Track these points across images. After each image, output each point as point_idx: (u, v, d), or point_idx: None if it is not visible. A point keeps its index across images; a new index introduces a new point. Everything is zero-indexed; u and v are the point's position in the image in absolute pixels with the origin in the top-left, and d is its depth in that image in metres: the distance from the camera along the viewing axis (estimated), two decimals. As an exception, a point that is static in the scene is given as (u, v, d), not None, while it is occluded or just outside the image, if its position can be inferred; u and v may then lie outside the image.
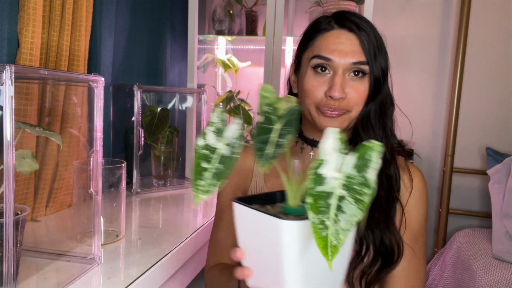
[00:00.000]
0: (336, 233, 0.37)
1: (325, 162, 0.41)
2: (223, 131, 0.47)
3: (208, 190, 0.43)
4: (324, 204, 0.38)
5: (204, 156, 0.45)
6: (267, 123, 0.47)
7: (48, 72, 0.85)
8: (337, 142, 0.42)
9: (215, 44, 1.85)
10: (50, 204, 1.03)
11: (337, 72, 0.72)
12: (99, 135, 0.76)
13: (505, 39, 1.76)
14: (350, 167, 0.40)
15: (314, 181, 0.40)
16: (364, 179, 0.39)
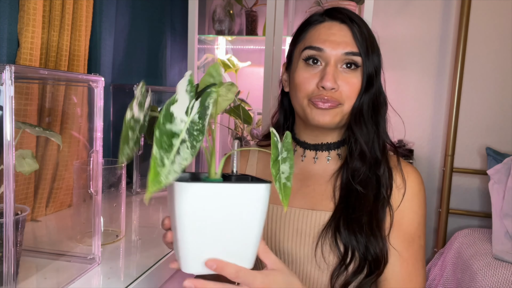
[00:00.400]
0: (168, 172, 0.38)
1: (177, 101, 0.41)
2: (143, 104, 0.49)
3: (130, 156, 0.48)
4: (167, 142, 0.39)
5: (132, 127, 0.47)
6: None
7: (48, 72, 0.85)
8: (188, 83, 0.42)
9: (215, 44, 1.85)
10: (50, 204, 1.03)
11: (329, 63, 0.71)
12: (99, 135, 0.76)
13: (505, 39, 1.76)
14: (195, 113, 0.41)
15: (165, 118, 0.40)
16: (202, 126, 0.41)
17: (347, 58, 0.71)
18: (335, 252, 0.69)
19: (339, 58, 0.71)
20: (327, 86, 0.69)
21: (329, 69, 0.70)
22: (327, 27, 0.73)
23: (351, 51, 0.71)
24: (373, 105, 0.74)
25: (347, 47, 0.71)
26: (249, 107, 1.65)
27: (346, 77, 0.72)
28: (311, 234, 0.72)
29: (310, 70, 0.72)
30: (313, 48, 0.72)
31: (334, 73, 0.70)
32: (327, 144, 0.78)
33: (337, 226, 0.69)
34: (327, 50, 0.71)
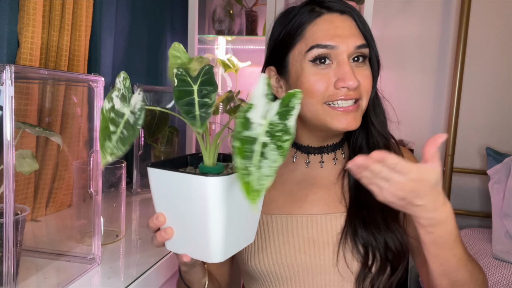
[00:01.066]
0: (259, 179, 0.38)
1: (253, 107, 0.41)
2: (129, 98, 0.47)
3: (114, 153, 0.44)
4: (249, 149, 0.39)
5: (112, 119, 0.45)
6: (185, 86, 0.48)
7: (48, 72, 0.85)
8: (266, 87, 0.42)
9: (215, 44, 1.85)
10: (50, 204, 1.03)
11: (342, 60, 0.64)
12: (99, 135, 0.76)
13: (505, 39, 1.76)
14: (273, 114, 0.41)
15: (242, 125, 0.40)
16: (285, 126, 0.40)
17: (359, 51, 0.66)
18: (358, 257, 0.66)
19: (351, 53, 0.65)
20: (351, 85, 0.63)
21: (346, 67, 0.64)
22: (329, 21, 0.66)
23: (362, 43, 0.66)
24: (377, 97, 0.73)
25: (357, 40, 0.65)
26: (249, 107, 1.65)
27: (361, 71, 0.66)
28: (327, 242, 0.68)
29: (320, 71, 0.65)
30: (322, 47, 0.64)
31: (352, 69, 0.65)
32: (333, 145, 0.74)
33: (354, 229, 0.66)
34: (339, 47, 0.64)
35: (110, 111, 0.46)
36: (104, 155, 0.44)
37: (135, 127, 0.46)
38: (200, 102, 0.46)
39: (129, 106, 0.47)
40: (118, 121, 0.46)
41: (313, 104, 0.66)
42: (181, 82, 0.48)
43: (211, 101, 0.46)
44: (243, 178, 0.38)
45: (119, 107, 0.46)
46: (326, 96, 0.65)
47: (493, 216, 1.50)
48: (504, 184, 1.49)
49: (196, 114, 0.45)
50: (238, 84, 1.80)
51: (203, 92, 0.47)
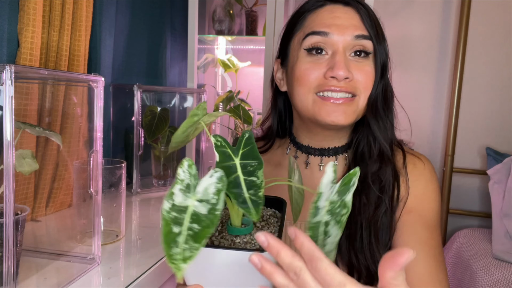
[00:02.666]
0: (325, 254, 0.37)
1: (322, 195, 0.41)
2: (194, 186, 0.39)
3: (187, 257, 0.34)
4: (318, 233, 0.39)
5: (174, 219, 0.36)
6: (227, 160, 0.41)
7: (48, 72, 0.85)
8: (333, 175, 0.42)
9: (215, 44, 1.85)
10: (50, 204, 1.03)
11: (337, 50, 0.61)
12: (99, 135, 0.76)
13: (505, 39, 1.76)
14: (333, 193, 0.40)
15: (313, 214, 0.40)
16: (342, 202, 0.40)
17: (357, 43, 0.62)
18: None
19: (348, 44, 0.61)
20: (340, 75, 0.59)
21: (338, 56, 0.60)
22: (329, 10, 0.63)
23: (362, 34, 0.61)
24: (384, 96, 0.66)
25: (356, 30, 0.61)
26: (249, 107, 1.65)
27: (359, 65, 0.62)
28: None
29: (314, 60, 0.62)
30: (317, 33, 0.61)
31: (345, 60, 0.60)
32: (334, 149, 0.69)
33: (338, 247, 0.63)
34: (334, 35, 0.61)
35: (170, 211, 0.37)
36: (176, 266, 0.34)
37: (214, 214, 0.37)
38: (246, 182, 0.40)
39: (195, 194, 0.38)
40: (181, 217, 0.36)
41: (303, 93, 0.63)
42: (222, 156, 0.42)
43: (259, 180, 0.40)
44: None
45: (181, 201, 0.37)
46: (316, 86, 0.62)
47: (493, 216, 1.50)
48: (504, 184, 1.49)
49: (246, 197, 0.39)
50: (238, 84, 1.80)
51: (248, 169, 0.41)
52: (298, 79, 0.63)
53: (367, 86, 0.63)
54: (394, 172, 0.66)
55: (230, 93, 1.63)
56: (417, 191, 0.66)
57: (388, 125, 0.66)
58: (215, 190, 0.38)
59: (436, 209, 0.67)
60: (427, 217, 0.65)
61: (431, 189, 0.68)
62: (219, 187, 0.38)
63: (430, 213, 0.65)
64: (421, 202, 0.66)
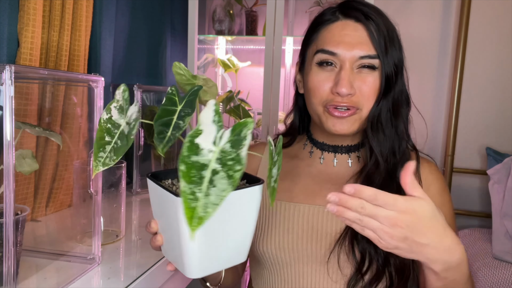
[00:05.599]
0: (205, 206, 0.37)
1: (202, 132, 0.40)
2: (126, 109, 0.48)
3: (106, 163, 0.45)
4: (197, 174, 0.37)
5: (108, 130, 0.46)
6: (170, 105, 0.47)
7: (48, 72, 0.84)
8: (214, 113, 0.41)
9: (215, 44, 1.85)
10: (50, 204, 1.03)
11: (343, 66, 0.65)
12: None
13: (505, 39, 1.76)
14: (225, 142, 0.40)
15: (189, 150, 0.38)
16: (237, 156, 0.39)
17: (363, 61, 0.66)
18: (352, 262, 0.65)
19: (354, 60, 0.66)
20: (343, 92, 0.64)
21: (343, 73, 0.65)
22: (340, 27, 0.67)
23: (367, 54, 0.66)
24: (394, 107, 0.68)
25: (363, 48, 0.65)
26: (249, 107, 1.65)
27: (363, 77, 0.66)
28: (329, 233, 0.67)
29: (324, 73, 0.67)
30: (326, 52, 0.67)
31: (349, 77, 0.65)
32: (347, 147, 0.73)
33: (355, 233, 0.64)
34: (341, 54, 0.66)
35: (107, 122, 0.46)
36: (96, 165, 0.45)
37: (129, 137, 0.46)
38: (175, 124, 0.45)
39: (126, 117, 0.47)
40: (114, 132, 0.46)
41: (315, 104, 0.69)
42: (168, 101, 0.47)
43: (183, 123, 0.44)
44: (189, 203, 0.36)
45: (117, 118, 0.47)
46: (325, 100, 0.68)
47: (493, 216, 1.50)
48: (504, 184, 1.49)
49: (167, 136, 0.43)
50: (238, 84, 1.80)
51: (180, 114, 0.46)
52: (310, 90, 0.69)
53: (370, 98, 0.67)
54: None
55: (230, 93, 1.63)
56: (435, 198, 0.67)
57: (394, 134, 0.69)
58: (135, 117, 0.47)
59: (452, 214, 0.70)
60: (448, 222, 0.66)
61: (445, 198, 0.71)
62: (138, 116, 0.47)
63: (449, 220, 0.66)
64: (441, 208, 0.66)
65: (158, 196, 0.50)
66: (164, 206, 0.49)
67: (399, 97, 0.70)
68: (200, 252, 0.47)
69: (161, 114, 0.45)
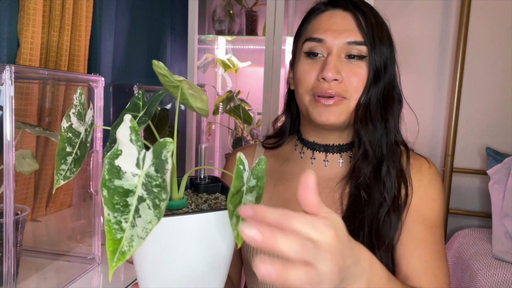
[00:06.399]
0: (130, 239, 0.31)
1: (122, 153, 0.34)
2: (84, 115, 0.43)
3: (67, 176, 0.40)
4: (120, 201, 0.32)
5: (69, 139, 0.42)
6: (132, 110, 0.44)
7: (48, 72, 0.84)
8: (131, 131, 0.34)
9: (215, 44, 1.85)
10: (50, 204, 1.03)
11: (331, 53, 0.65)
12: (99, 135, 0.76)
13: (505, 39, 1.76)
14: (149, 165, 0.34)
15: (110, 172, 0.33)
16: (163, 182, 0.33)
17: (351, 48, 0.65)
18: None
19: (341, 48, 0.65)
20: (328, 76, 0.63)
21: (330, 58, 0.64)
22: (329, 16, 0.68)
23: (355, 40, 0.65)
24: (384, 100, 0.68)
25: (350, 35, 0.65)
26: (249, 107, 1.65)
27: (351, 67, 0.65)
28: None
29: (311, 63, 0.67)
30: (313, 40, 0.66)
31: (336, 63, 0.64)
32: (339, 146, 0.71)
33: None
34: (328, 40, 0.65)
35: (67, 131, 0.42)
36: (57, 179, 0.40)
37: (86, 144, 0.43)
38: None
39: (84, 123, 0.43)
40: (75, 141, 0.42)
41: (302, 93, 0.68)
42: (131, 105, 0.44)
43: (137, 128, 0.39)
44: (114, 234, 0.31)
45: (77, 126, 0.43)
46: (311, 88, 0.66)
47: (493, 216, 1.50)
48: (504, 184, 1.49)
49: None
50: (238, 84, 1.80)
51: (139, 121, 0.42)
52: (297, 80, 0.68)
53: (358, 89, 0.65)
54: (400, 173, 0.68)
55: (230, 93, 1.63)
56: (420, 192, 0.68)
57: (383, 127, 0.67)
58: (90, 122, 0.44)
59: (437, 208, 0.68)
60: (426, 216, 0.66)
61: (432, 189, 0.69)
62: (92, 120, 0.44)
63: (429, 212, 0.67)
64: (422, 202, 0.67)
65: None
66: None
67: (390, 91, 0.69)
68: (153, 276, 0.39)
69: (120, 120, 0.40)
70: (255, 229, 0.31)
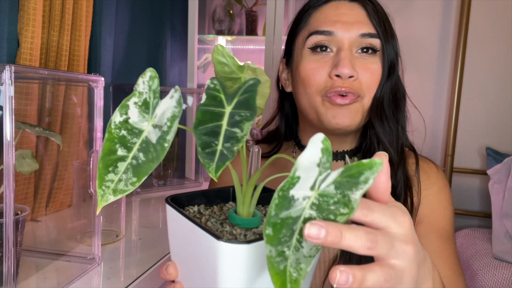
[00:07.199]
0: (296, 262, 0.27)
1: (300, 180, 0.28)
2: (154, 107, 0.32)
3: (121, 190, 0.30)
4: (287, 233, 0.27)
5: (121, 139, 0.30)
6: (214, 105, 0.32)
7: (48, 72, 0.84)
8: (322, 154, 0.28)
9: (215, 44, 1.85)
10: (50, 204, 1.03)
11: (342, 47, 0.58)
12: (99, 135, 0.76)
13: (505, 39, 1.76)
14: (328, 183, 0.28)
15: (280, 206, 0.28)
16: (343, 197, 0.28)
17: (364, 41, 0.59)
18: None
19: (354, 41, 0.58)
20: (344, 73, 0.56)
21: (343, 53, 0.57)
22: (335, 7, 0.60)
23: (368, 32, 0.58)
24: (393, 97, 0.62)
25: (362, 27, 0.58)
26: (249, 107, 1.65)
27: (365, 63, 0.59)
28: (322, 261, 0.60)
29: (319, 59, 0.59)
30: (321, 33, 0.59)
31: (350, 57, 0.57)
32: (343, 153, 0.66)
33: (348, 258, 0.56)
34: (339, 33, 0.58)
35: (120, 127, 0.31)
36: (103, 193, 0.29)
37: (162, 145, 0.30)
38: (227, 133, 0.30)
39: (152, 117, 0.32)
40: (132, 141, 0.31)
41: (311, 94, 0.60)
42: (210, 100, 0.32)
43: (242, 133, 0.30)
44: (275, 268, 0.27)
45: (136, 121, 0.32)
46: (323, 87, 0.59)
47: (493, 216, 1.50)
48: (504, 184, 1.49)
49: (217, 150, 0.29)
50: (238, 84, 1.80)
51: (235, 118, 0.31)
52: (303, 80, 0.61)
53: (372, 86, 0.60)
54: (405, 178, 0.62)
55: (230, 93, 1.63)
56: (429, 200, 0.63)
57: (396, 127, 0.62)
58: (171, 115, 0.31)
59: (450, 217, 0.63)
60: (440, 226, 0.61)
61: (443, 196, 0.64)
62: (175, 113, 0.31)
63: (443, 222, 0.62)
64: (433, 211, 0.62)
65: (183, 231, 0.36)
66: (192, 246, 0.35)
67: (398, 88, 0.64)
68: None
69: (202, 118, 0.31)
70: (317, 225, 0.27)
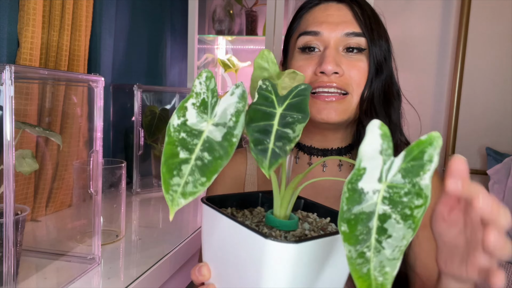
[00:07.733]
0: (381, 265, 0.26)
1: (367, 171, 0.28)
2: (213, 106, 0.33)
3: (189, 192, 0.29)
4: (364, 230, 0.27)
5: (182, 141, 0.31)
6: (266, 105, 0.34)
7: (48, 72, 0.84)
8: (383, 140, 0.29)
9: (215, 44, 1.85)
10: (50, 204, 1.03)
11: (327, 46, 0.61)
12: (99, 135, 0.76)
13: (505, 39, 1.76)
14: (394, 173, 0.28)
15: (351, 201, 0.27)
16: (413, 186, 0.28)
17: (349, 40, 0.61)
18: None
19: (339, 41, 0.61)
20: (328, 69, 0.59)
21: (328, 51, 0.60)
22: (323, 9, 0.64)
23: (353, 31, 0.61)
24: (385, 95, 0.64)
25: (347, 27, 0.61)
26: (249, 107, 1.65)
27: (351, 61, 0.61)
28: None
29: (307, 58, 0.63)
30: (309, 33, 0.63)
31: (335, 56, 0.60)
32: (338, 149, 0.67)
33: None
34: (325, 33, 0.61)
35: (179, 130, 0.31)
36: (172, 198, 0.29)
37: (230, 141, 0.31)
38: (278, 132, 0.32)
39: (212, 117, 0.32)
40: (193, 143, 0.31)
41: None
42: (262, 100, 0.34)
43: (294, 134, 0.32)
44: (358, 271, 0.26)
45: (195, 122, 0.32)
46: (308, 81, 0.62)
47: (493, 216, 1.49)
48: (504, 184, 1.49)
49: (268, 148, 0.30)
50: (238, 84, 1.80)
51: (287, 119, 0.33)
52: None
53: (360, 83, 0.62)
54: None
55: (230, 93, 1.63)
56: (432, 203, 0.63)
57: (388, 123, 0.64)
58: (235, 110, 0.32)
59: None
60: None
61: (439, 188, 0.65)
62: (239, 108, 0.32)
63: None
64: None
65: (222, 232, 0.36)
66: (232, 248, 0.35)
67: (390, 86, 0.66)
68: None
69: (254, 116, 0.33)
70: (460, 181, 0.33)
